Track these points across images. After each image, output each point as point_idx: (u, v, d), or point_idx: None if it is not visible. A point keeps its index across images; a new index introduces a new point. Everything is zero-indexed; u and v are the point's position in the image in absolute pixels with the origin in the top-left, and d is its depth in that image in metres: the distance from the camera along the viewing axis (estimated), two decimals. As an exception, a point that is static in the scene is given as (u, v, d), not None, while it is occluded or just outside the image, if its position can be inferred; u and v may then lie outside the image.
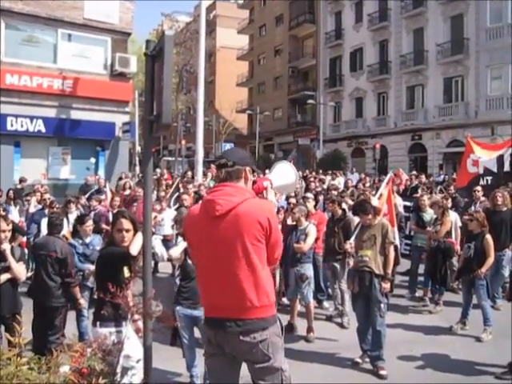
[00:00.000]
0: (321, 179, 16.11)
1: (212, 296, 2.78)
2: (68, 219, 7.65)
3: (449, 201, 8.98)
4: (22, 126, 14.71)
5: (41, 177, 15.07)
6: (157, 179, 13.05)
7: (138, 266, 3.76)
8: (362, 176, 18.92)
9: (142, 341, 3.18)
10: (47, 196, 10.17)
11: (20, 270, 4.87)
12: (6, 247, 4.76)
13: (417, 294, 8.12)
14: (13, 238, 5.18)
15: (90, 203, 9.59)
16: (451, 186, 11.40)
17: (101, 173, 15.69)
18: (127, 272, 3.97)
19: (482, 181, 9.67)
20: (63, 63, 15.53)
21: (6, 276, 4.77)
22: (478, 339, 6.16)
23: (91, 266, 5.58)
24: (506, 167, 9.58)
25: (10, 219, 5.43)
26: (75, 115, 15.59)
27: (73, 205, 8.48)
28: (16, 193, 10.81)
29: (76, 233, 6.17)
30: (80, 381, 2.50)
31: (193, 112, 37.23)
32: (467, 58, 27.91)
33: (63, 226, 5.84)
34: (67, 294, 5.31)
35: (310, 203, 7.50)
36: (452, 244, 7.76)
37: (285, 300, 7.19)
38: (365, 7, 34.67)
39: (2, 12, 14.31)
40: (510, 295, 5.83)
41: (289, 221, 6.91)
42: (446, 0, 28.67)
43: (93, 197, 10.03)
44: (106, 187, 11.65)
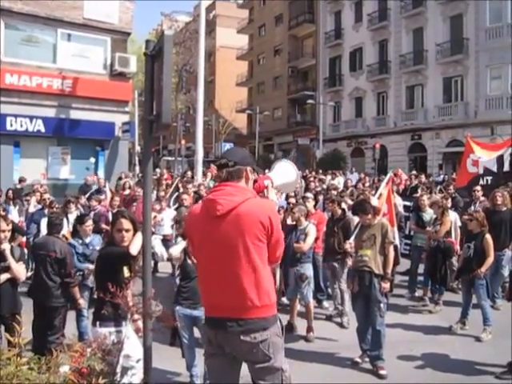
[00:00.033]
0: (320, 179, 16.12)
1: (213, 296, 2.78)
2: (68, 219, 7.63)
3: (448, 201, 8.96)
4: (22, 126, 14.68)
5: (40, 177, 15.03)
6: (156, 179, 13.06)
7: (138, 266, 3.76)
8: (362, 176, 18.90)
9: (142, 341, 3.19)
10: (47, 196, 10.16)
11: (20, 270, 4.88)
12: (6, 247, 4.76)
13: (416, 294, 8.11)
14: (12, 238, 5.18)
15: (90, 203, 9.57)
16: (451, 186, 11.39)
17: (100, 173, 15.65)
18: (127, 272, 3.97)
19: (482, 181, 9.69)
20: (63, 63, 15.50)
21: (6, 276, 4.78)
22: (478, 339, 6.16)
23: (90, 265, 5.59)
24: (506, 167, 9.60)
25: (10, 219, 5.44)
26: (75, 115, 15.57)
27: (72, 205, 8.48)
28: (15, 193, 10.79)
29: (76, 233, 6.17)
30: (80, 381, 2.50)
31: (192, 112, 37.25)
32: (467, 58, 27.91)
33: (63, 226, 5.84)
34: (67, 294, 5.31)
35: (310, 203, 7.51)
36: (452, 244, 7.76)
37: (284, 300, 7.18)
38: (364, 7, 34.67)
39: (2, 12, 14.28)
40: (510, 295, 5.82)
41: (288, 221, 6.91)
42: (446, 0, 28.69)
43: (92, 197, 10.01)
44: (106, 187, 11.64)
